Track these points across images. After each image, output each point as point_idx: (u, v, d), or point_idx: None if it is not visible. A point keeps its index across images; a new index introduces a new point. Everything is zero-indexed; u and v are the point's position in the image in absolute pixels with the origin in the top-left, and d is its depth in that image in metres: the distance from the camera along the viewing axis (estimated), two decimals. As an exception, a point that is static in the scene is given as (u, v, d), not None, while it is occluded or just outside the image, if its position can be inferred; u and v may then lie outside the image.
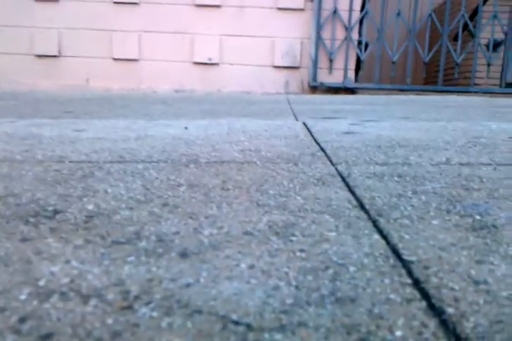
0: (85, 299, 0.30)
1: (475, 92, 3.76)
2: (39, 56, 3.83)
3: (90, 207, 0.52)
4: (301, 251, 0.39)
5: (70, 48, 3.83)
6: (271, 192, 0.59)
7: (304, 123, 1.38)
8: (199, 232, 0.44)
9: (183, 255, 0.38)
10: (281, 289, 0.32)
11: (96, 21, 3.80)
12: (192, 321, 0.28)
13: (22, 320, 0.28)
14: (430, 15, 3.82)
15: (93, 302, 0.30)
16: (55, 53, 3.84)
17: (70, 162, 0.78)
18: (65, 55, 3.84)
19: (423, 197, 0.57)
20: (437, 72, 4.03)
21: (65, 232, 0.43)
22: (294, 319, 0.28)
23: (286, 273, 0.35)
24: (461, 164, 0.78)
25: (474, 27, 3.79)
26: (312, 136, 1.12)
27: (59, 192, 0.58)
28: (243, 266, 0.36)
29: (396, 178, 0.67)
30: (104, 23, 3.80)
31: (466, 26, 3.90)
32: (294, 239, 0.42)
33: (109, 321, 0.28)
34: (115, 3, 3.78)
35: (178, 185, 0.62)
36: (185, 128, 1.24)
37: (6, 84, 3.80)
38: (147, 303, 0.30)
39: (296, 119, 1.55)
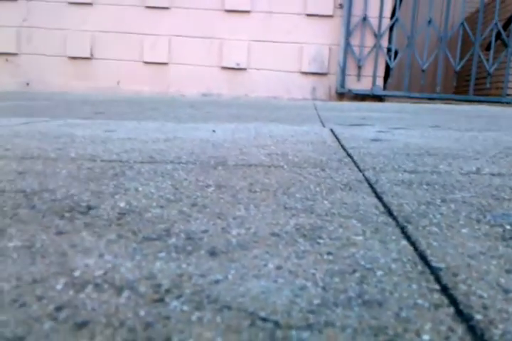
0: (118, 291, 0.31)
1: (507, 103, 3.69)
2: (72, 58, 3.92)
3: (122, 204, 0.53)
4: (329, 253, 0.40)
5: (101, 51, 3.91)
6: (298, 195, 0.60)
7: (331, 130, 1.38)
8: (227, 232, 0.44)
9: (212, 253, 0.39)
10: (308, 289, 0.33)
11: (128, 25, 3.88)
12: (221, 316, 0.29)
13: (59, 308, 0.29)
14: (462, 23, 3.77)
15: (126, 294, 0.31)
16: (88, 55, 3.92)
17: (102, 161, 0.80)
18: (97, 57, 3.93)
19: (452, 206, 0.57)
20: (468, 81, 3.97)
21: (98, 227, 0.44)
22: (321, 318, 0.29)
23: (314, 275, 0.35)
24: (492, 174, 0.77)
25: (508, 36, 3.72)
26: (339, 142, 1.12)
27: (92, 189, 0.60)
28: (271, 265, 0.37)
29: (425, 186, 0.67)
30: (135, 27, 3.87)
31: (499, 35, 3.84)
32: (321, 241, 0.43)
33: (142, 313, 0.29)
34: (147, 7, 3.85)
35: (206, 186, 0.63)
36: (213, 131, 1.25)
37: (40, 85, 3.90)
38: (178, 297, 0.31)
39: (323, 125, 1.55)
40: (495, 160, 0.91)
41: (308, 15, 3.76)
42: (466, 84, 4.05)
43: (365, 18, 3.71)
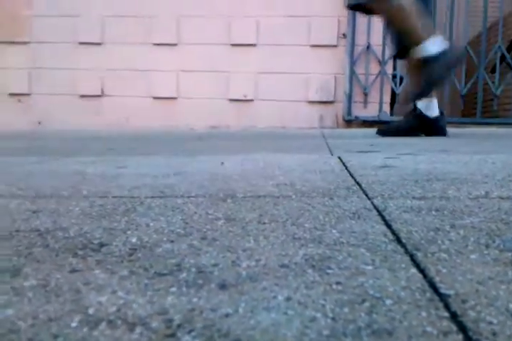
0: (131, 327, 0.32)
1: (515, 124, 3.68)
2: (82, 96, 4.02)
3: (133, 240, 0.54)
4: (338, 283, 0.40)
5: (111, 88, 4.01)
6: (306, 225, 0.60)
7: (339, 158, 1.39)
8: (237, 265, 0.45)
9: (222, 286, 0.40)
10: (318, 320, 0.33)
11: (136, 62, 3.98)
12: (232, 350, 0.29)
13: (73, 346, 0.30)
14: (465, 47, 3.82)
15: (139, 330, 0.32)
16: (98, 93, 4.02)
17: (113, 197, 0.82)
18: (107, 94, 4.02)
19: (461, 232, 0.57)
20: (475, 104, 3.98)
21: (110, 264, 0.45)
22: (331, 350, 0.29)
23: (323, 305, 0.36)
24: (501, 198, 0.77)
25: None
26: (347, 170, 1.13)
27: (104, 225, 0.61)
28: (280, 297, 0.37)
29: (434, 212, 0.67)
30: (144, 64, 3.97)
31: (503, 58, 3.88)
32: (330, 271, 0.43)
33: (154, 348, 0.29)
34: (154, 44, 3.96)
35: (216, 218, 0.64)
36: (222, 163, 1.27)
37: (51, 123, 3.99)
38: (189, 331, 0.31)
39: (331, 153, 1.57)
40: (503, 183, 0.91)
41: (313, 46, 3.84)
42: (474, 107, 4.07)
43: (368, 47, 3.78)
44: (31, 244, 0.53)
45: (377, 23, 3.76)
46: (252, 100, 3.88)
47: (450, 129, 3.23)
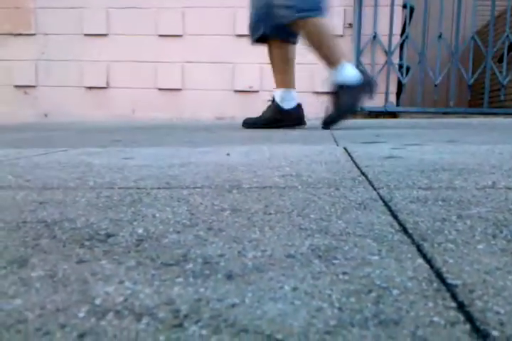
0: (138, 317, 0.32)
1: (522, 114, 3.65)
2: (88, 88, 4.01)
3: (140, 230, 0.54)
4: (344, 273, 0.40)
5: (117, 80, 4.01)
6: (312, 216, 0.60)
7: (345, 148, 1.39)
8: (243, 255, 0.45)
9: (229, 277, 0.40)
10: (324, 310, 0.33)
11: (142, 53, 3.97)
12: (239, 339, 0.29)
13: (81, 336, 0.30)
14: (473, 37, 3.78)
15: (146, 320, 0.32)
16: (104, 85, 4.02)
17: (120, 188, 0.82)
18: (113, 86, 4.02)
19: (468, 222, 0.57)
20: (482, 94, 3.95)
21: (117, 254, 0.46)
22: (337, 339, 0.29)
23: (330, 296, 0.36)
24: (508, 188, 0.77)
25: (519, 48, 3.72)
26: (353, 160, 1.13)
27: (110, 216, 0.61)
28: (287, 287, 0.37)
29: (440, 202, 0.67)
30: (149, 55, 3.96)
31: (511, 47, 3.83)
32: (336, 262, 0.43)
33: (161, 338, 0.29)
34: (160, 36, 3.95)
35: (221, 209, 0.64)
36: (227, 154, 1.27)
37: (57, 115, 4.00)
38: (196, 322, 0.31)
39: (337, 144, 1.56)
40: (511, 173, 0.91)
41: (318, 36, 3.80)
42: (481, 97, 4.04)
43: (375, 36, 3.75)
44: (38, 234, 0.53)
45: (384, 13, 3.72)
46: (257, 91, 3.87)
47: (457, 120, 3.21)
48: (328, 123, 2.32)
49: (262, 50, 3.81)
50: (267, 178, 0.89)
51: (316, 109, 3.81)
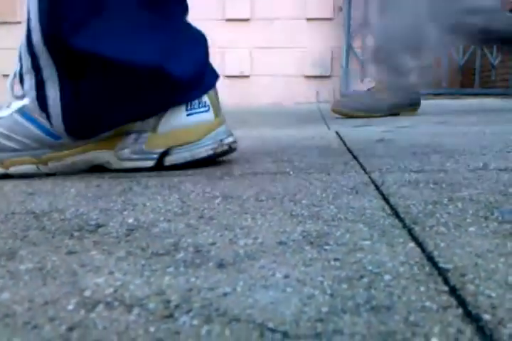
0: (129, 308, 0.32)
1: (513, 95, 3.65)
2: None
3: (130, 220, 0.54)
4: (336, 260, 0.40)
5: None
6: (304, 202, 0.60)
7: (337, 132, 1.38)
8: (234, 243, 0.45)
9: (220, 265, 0.39)
10: (316, 297, 0.33)
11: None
12: (230, 329, 0.29)
13: (70, 328, 0.30)
14: (463, 18, 3.75)
15: (136, 311, 0.31)
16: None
17: (110, 178, 0.81)
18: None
19: (459, 204, 0.56)
20: (474, 75, 3.94)
21: (107, 245, 0.45)
22: (329, 327, 0.29)
23: (321, 282, 0.36)
24: (499, 169, 0.77)
25: (509, 28, 3.70)
26: (345, 144, 1.12)
27: (100, 206, 0.60)
28: (278, 275, 0.37)
29: (432, 185, 0.67)
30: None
31: (500, 27, 3.81)
32: (328, 248, 0.43)
33: (152, 329, 0.29)
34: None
35: (213, 197, 0.64)
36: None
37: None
38: (187, 312, 0.31)
39: (329, 128, 1.56)
40: (502, 154, 0.91)
41: (309, 19, 3.77)
42: (472, 78, 4.03)
43: (365, 20, 3.71)
44: (27, 226, 0.52)
45: (374, -7, 3.68)
46: (248, 76, 3.84)
47: (449, 101, 3.20)
48: None
49: (252, 34, 3.77)
50: (258, 164, 0.89)
51: (307, 93, 3.79)
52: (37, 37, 0.75)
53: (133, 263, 0.40)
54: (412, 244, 0.43)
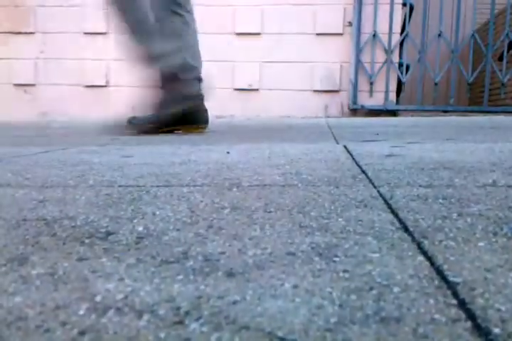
0: (139, 314, 0.32)
1: (522, 112, 3.65)
2: (88, 86, 4.01)
3: (140, 228, 0.54)
4: (345, 271, 0.40)
5: (116, 78, 4.00)
6: (313, 214, 0.60)
7: (345, 147, 1.39)
8: (243, 253, 0.45)
9: (229, 274, 0.39)
10: (325, 308, 0.33)
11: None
12: (239, 336, 0.29)
13: (82, 333, 0.30)
14: (473, 35, 3.78)
15: (146, 317, 0.32)
16: (103, 83, 4.01)
17: (120, 186, 0.82)
18: (113, 84, 4.01)
19: (468, 219, 0.56)
20: (482, 92, 3.95)
21: (117, 252, 0.45)
22: (338, 337, 0.29)
23: (330, 293, 0.36)
24: (509, 186, 0.77)
25: (519, 46, 3.72)
26: (353, 158, 1.13)
27: (110, 214, 0.61)
28: (287, 285, 0.37)
29: (440, 200, 0.67)
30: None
31: (511, 46, 3.83)
32: (336, 259, 0.43)
33: (162, 335, 0.29)
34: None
35: (222, 207, 0.64)
36: (227, 152, 1.27)
37: (57, 113, 3.99)
38: (197, 319, 0.31)
39: (337, 142, 1.56)
40: (511, 171, 0.91)
41: (318, 34, 3.81)
42: (481, 96, 4.03)
43: (374, 35, 3.74)
44: (38, 232, 0.53)
45: (384, 11, 3.72)
46: (257, 89, 3.86)
47: (457, 118, 3.20)
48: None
49: (262, 48, 3.81)
50: (266, 176, 0.89)
51: (316, 107, 3.81)
52: None
53: (143, 270, 0.41)
54: (421, 258, 0.43)
